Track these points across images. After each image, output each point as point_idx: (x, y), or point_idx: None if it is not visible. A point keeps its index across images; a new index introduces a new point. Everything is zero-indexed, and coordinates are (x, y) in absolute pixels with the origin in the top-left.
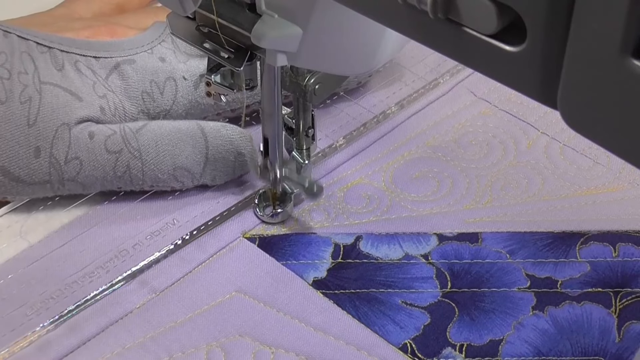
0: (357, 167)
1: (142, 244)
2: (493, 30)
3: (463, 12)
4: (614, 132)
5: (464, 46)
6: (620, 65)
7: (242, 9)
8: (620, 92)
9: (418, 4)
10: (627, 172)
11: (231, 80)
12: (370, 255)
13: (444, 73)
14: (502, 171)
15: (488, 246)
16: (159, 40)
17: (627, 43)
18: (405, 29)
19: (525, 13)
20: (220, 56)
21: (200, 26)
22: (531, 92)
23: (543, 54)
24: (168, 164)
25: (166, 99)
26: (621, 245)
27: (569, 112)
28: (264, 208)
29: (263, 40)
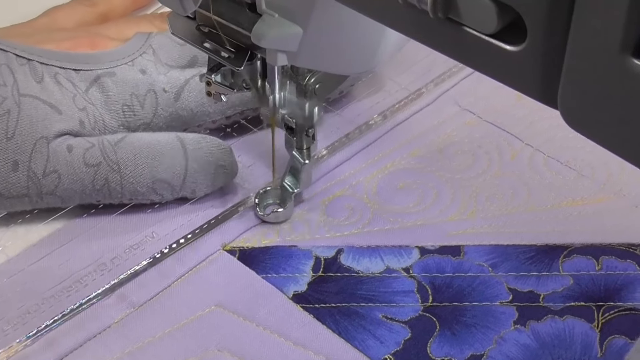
0: (339, 178)
1: (121, 258)
2: (493, 30)
3: (463, 11)
4: (614, 131)
5: (464, 46)
6: (621, 65)
7: (242, 8)
8: (621, 91)
9: (418, 4)
10: (611, 183)
11: (232, 80)
12: (351, 269)
13: (428, 83)
14: (486, 182)
15: (470, 259)
16: (140, 52)
17: (627, 42)
18: (405, 29)
19: (526, 12)
20: (221, 56)
21: (200, 26)
22: (531, 91)
23: (543, 54)
24: (147, 176)
25: (147, 112)
26: (604, 258)
27: (569, 112)
28: (264, 208)
29: (263, 39)
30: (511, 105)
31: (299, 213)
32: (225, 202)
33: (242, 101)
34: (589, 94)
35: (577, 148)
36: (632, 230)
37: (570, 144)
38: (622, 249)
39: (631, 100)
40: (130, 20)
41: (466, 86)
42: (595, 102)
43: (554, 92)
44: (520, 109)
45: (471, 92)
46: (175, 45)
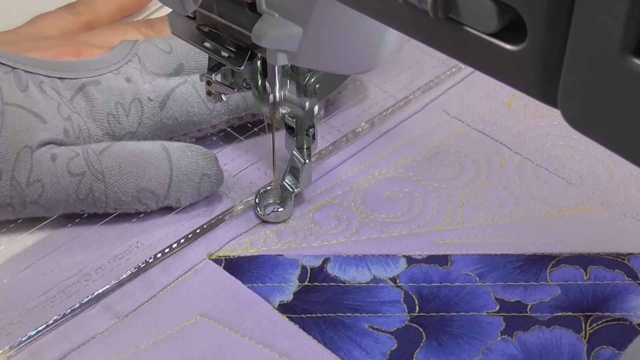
0: (326, 187)
1: (106, 268)
2: (493, 29)
3: (463, 11)
4: (614, 131)
5: (464, 45)
6: (621, 64)
7: (243, 8)
8: (621, 91)
9: (418, 3)
10: (600, 192)
11: (232, 80)
12: (338, 278)
13: (415, 90)
14: (474, 191)
15: (457, 269)
16: (126, 60)
17: (627, 42)
18: (406, 28)
19: (526, 12)
20: (221, 55)
21: (200, 25)
22: (531, 91)
23: (543, 53)
24: (131, 186)
25: (132, 120)
26: (592, 268)
27: (569, 111)
28: (264, 207)
29: (263, 39)
30: (500, 114)
31: (286, 222)
32: (211, 211)
33: (228, 109)
34: (589, 94)
35: (566, 156)
36: (620, 240)
37: (559, 152)
38: (610, 259)
39: (631, 100)
40: (116, 28)
41: (455, 94)
42: (595, 101)
43: (554, 92)
44: (509, 117)
45: (460, 100)
46: (161, 53)
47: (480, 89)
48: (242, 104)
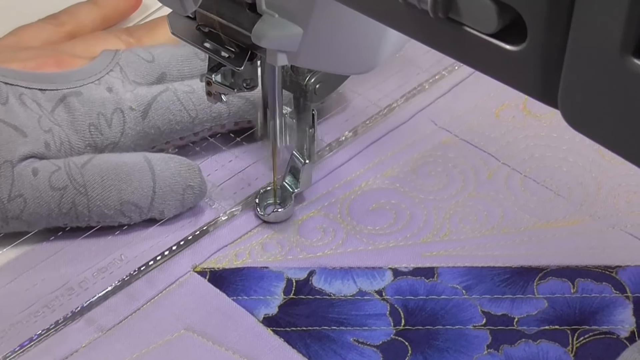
0: (312, 199)
1: (89, 281)
2: (493, 30)
3: (463, 11)
4: (614, 131)
5: (464, 45)
6: (621, 65)
7: (243, 8)
8: (621, 91)
9: (418, 3)
10: (588, 204)
11: (232, 80)
12: (323, 291)
13: (398, 99)
14: (461, 203)
15: (444, 282)
16: (107, 69)
17: (627, 42)
18: (405, 29)
19: (526, 12)
20: (221, 56)
21: (200, 26)
22: (531, 91)
23: (543, 53)
24: (114, 199)
25: (114, 131)
26: (580, 280)
27: (569, 111)
28: (264, 208)
29: (263, 39)
30: (489, 124)
31: (271, 233)
32: (195, 223)
33: (211, 116)
34: (589, 94)
35: (555, 168)
36: (608, 252)
37: (548, 163)
38: (598, 272)
39: (631, 100)
40: (97, 37)
41: (443, 104)
42: (595, 101)
43: (554, 92)
44: (497, 128)
45: (448, 110)
46: (142, 62)
47: (469, 98)
48: (225, 111)
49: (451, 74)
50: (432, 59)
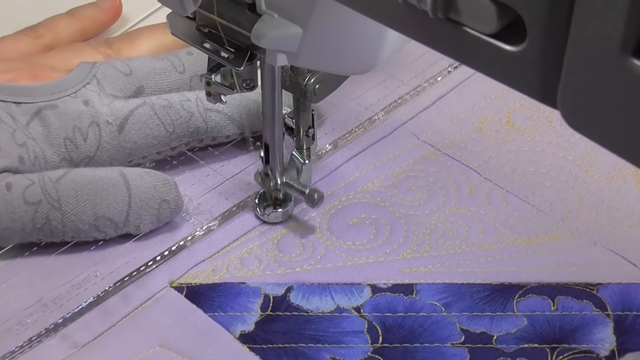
0: (292, 213)
1: (64, 298)
2: (493, 30)
3: (463, 11)
4: (614, 131)
5: (464, 46)
6: (620, 65)
7: (242, 8)
8: (620, 91)
9: (418, 4)
10: (570, 220)
11: (231, 80)
12: (301, 308)
13: (379, 111)
14: (441, 218)
15: (423, 298)
16: (84, 82)
17: (627, 43)
18: (405, 29)
19: (525, 12)
20: (221, 56)
21: (200, 26)
22: (531, 91)
23: (543, 54)
24: (89, 214)
25: (90, 145)
26: (560, 298)
27: (569, 112)
28: (264, 208)
29: (263, 40)
30: (471, 138)
31: (250, 248)
32: (172, 238)
33: (188, 132)
34: (589, 94)
35: (537, 183)
36: (589, 270)
37: (530, 179)
38: (579, 289)
39: (631, 100)
40: (74, 48)
41: (425, 118)
42: (595, 102)
43: (553, 92)
44: (480, 142)
45: (430, 124)
46: (120, 75)
47: (452, 112)
48: (203, 127)
49: (433, 87)
50: (413, 72)
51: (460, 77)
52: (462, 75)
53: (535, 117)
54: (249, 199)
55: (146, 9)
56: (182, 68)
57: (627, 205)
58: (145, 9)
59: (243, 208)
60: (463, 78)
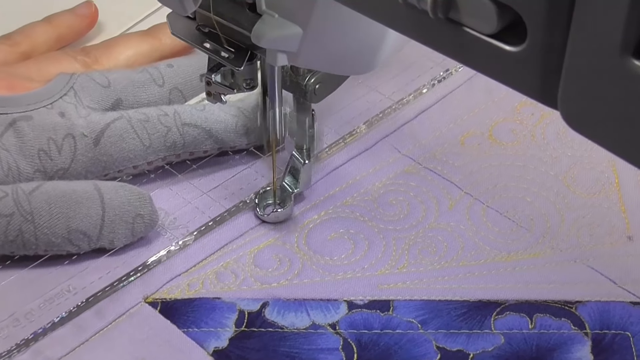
0: (269, 227)
1: (36, 313)
2: (493, 30)
3: (463, 11)
4: (614, 132)
5: (464, 46)
6: (620, 65)
7: (243, 8)
8: (621, 92)
9: (418, 4)
10: (550, 236)
11: (232, 80)
12: (276, 324)
13: (361, 124)
14: (421, 234)
15: (399, 315)
16: (61, 93)
17: (627, 43)
18: (405, 29)
19: (526, 13)
20: (221, 56)
21: (200, 26)
22: (531, 92)
23: (543, 54)
24: (62, 227)
25: (64, 157)
26: (538, 316)
27: (569, 112)
28: (264, 208)
29: (263, 39)
30: (453, 152)
31: (226, 262)
32: (147, 252)
33: (165, 146)
34: (589, 94)
35: (518, 198)
36: (568, 287)
37: (511, 194)
38: (557, 307)
39: (631, 101)
40: (52, 58)
41: (407, 131)
42: (595, 102)
43: (554, 92)
44: (462, 156)
45: (412, 137)
46: (98, 87)
47: (434, 126)
48: (180, 142)
49: (416, 101)
50: (395, 86)
51: (443, 90)
52: (446, 89)
53: (519, 130)
54: (226, 214)
55: (125, 22)
56: (162, 81)
57: (608, 222)
58: (125, 21)
59: (220, 222)
60: (446, 92)
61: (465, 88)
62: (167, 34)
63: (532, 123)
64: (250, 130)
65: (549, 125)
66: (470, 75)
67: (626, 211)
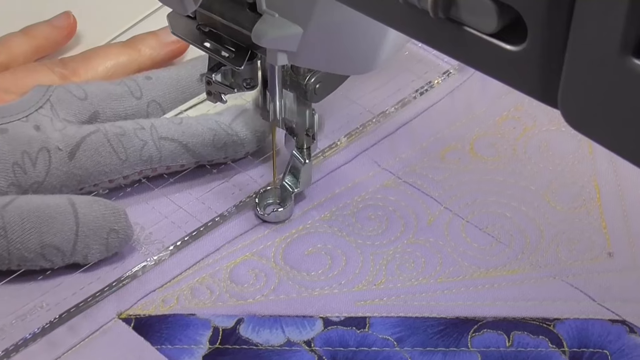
0: (246, 242)
1: (7, 329)
2: (493, 30)
3: (463, 11)
4: (614, 131)
5: (465, 45)
6: (621, 65)
7: (243, 8)
8: (621, 91)
9: (418, 3)
10: (529, 252)
11: (232, 80)
12: (250, 341)
13: (341, 137)
14: (399, 249)
15: (375, 332)
16: (37, 106)
17: (627, 43)
18: (406, 29)
19: (526, 12)
20: (221, 55)
21: (200, 25)
22: (531, 91)
23: (543, 53)
24: (35, 242)
25: (39, 170)
26: (516, 333)
27: (569, 111)
28: (264, 208)
29: (263, 39)
30: (433, 167)
31: (202, 277)
32: (122, 268)
33: (141, 160)
34: (589, 94)
35: (498, 213)
36: (547, 304)
37: (491, 209)
38: (535, 324)
39: (631, 100)
40: (28, 69)
41: (387, 145)
42: (596, 102)
43: (554, 92)
44: (442, 171)
45: (392, 151)
46: (75, 99)
47: (415, 139)
48: (157, 156)
49: (397, 114)
50: (376, 98)
51: (424, 104)
52: (427, 102)
53: (500, 145)
54: (202, 228)
55: (104, 33)
56: (140, 93)
57: (588, 238)
58: (104, 32)
59: (196, 237)
60: (428, 105)
61: (446, 101)
62: (146, 45)
63: (514, 137)
64: (228, 144)
65: (531, 139)
66: (451, 89)
67: (607, 227)
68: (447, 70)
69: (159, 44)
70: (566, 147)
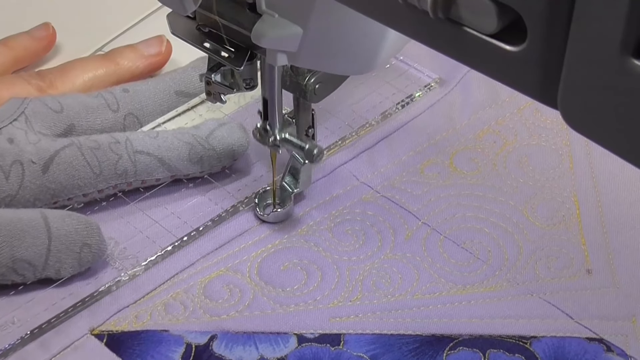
0: (221, 256)
1: None
2: (493, 30)
3: (463, 11)
4: (614, 131)
5: (464, 46)
6: (620, 65)
7: (243, 8)
8: (620, 91)
9: (418, 4)
10: (507, 269)
11: (231, 80)
12: (223, 358)
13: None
14: (376, 265)
15: (350, 350)
16: (11, 119)
17: (627, 43)
18: (406, 29)
19: (526, 13)
20: (221, 56)
21: (200, 26)
22: (531, 91)
23: (543, 54)
24: (6, 256)
25: (12, 183)
26: (492, 351)
27: (569, 112)
28: (264, 208)
29: (263, 39)
30: (412, 181)
31: (176, 293)
32: (95, 283)
33: (116, 174)
34: (589, 94)
35: (476, 229)
36: (524, 322)
37: (469, 224)
38: (511, 342)
39: (631, 101)
40: (5, 81)
41: (366, 158)
42: (595, 102)
43: (553, 92)
44: (421, 185)
45: (371, 164)
46: (50, 112)
47: (394, 153)
48: (132, 170)
49: (377, 127)
50: (355, 112)
51: (404, 117)
52: (407, 116)
53: (479, 159)
54: (177, 243)
55: (84, 44)
56: (116, 106)
57: (566, 255)
58: (84, 44)
59: (171, 252)
60: (408, 119)
61: (427, 115)
62: (125, 58)
63: (494, 151)
64: (204, 158)
65: (511, 154)
66: (432, 102)
67: (586, 243)
68: (428, 84)
69: (137, 56)
70: (547, 162)
